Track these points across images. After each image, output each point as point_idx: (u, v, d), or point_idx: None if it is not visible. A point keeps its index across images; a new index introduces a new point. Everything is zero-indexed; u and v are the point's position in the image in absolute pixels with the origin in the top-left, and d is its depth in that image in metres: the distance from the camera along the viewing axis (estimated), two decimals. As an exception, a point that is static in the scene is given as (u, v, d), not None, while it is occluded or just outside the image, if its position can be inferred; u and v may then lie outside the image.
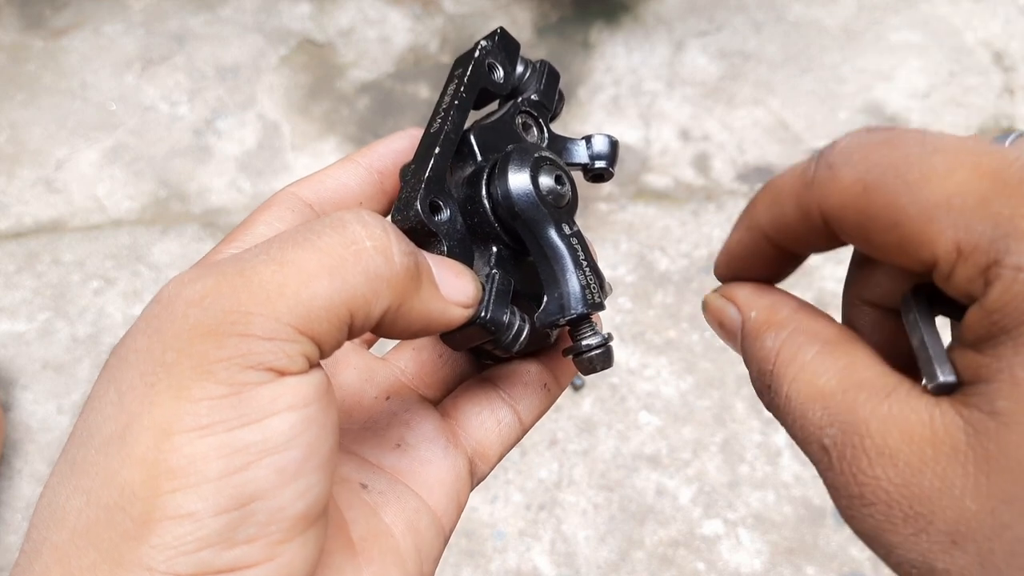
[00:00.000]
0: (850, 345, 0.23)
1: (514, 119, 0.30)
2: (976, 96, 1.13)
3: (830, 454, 0.21)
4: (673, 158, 1.10)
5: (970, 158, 0.20)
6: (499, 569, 0.86)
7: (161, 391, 0.20)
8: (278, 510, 0.20)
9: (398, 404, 0.29)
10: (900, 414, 0.20)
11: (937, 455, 0.19)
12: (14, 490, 0.91)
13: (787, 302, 0.25)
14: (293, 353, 0.20)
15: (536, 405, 0.30)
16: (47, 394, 0.96)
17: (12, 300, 1.03)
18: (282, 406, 0.20)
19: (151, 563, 0.19)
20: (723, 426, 0.91)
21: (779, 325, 0.24)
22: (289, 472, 0.20)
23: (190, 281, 0.21)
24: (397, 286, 0.22)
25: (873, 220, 0.21)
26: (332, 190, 0.28)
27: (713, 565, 0.85)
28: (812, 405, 0.21)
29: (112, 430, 0.20)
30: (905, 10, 1.20)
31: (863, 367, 0.22)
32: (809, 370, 0.22)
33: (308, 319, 0.20)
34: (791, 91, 1.14)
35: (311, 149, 1.13)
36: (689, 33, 1.20)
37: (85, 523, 0.20)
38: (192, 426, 0.19)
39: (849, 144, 0.22)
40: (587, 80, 1.17)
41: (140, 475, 0.19)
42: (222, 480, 0.19)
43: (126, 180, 1.13)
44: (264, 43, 1.23)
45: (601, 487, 0.89)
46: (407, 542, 0.26)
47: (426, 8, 1.25)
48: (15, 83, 1.21)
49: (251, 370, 0.20)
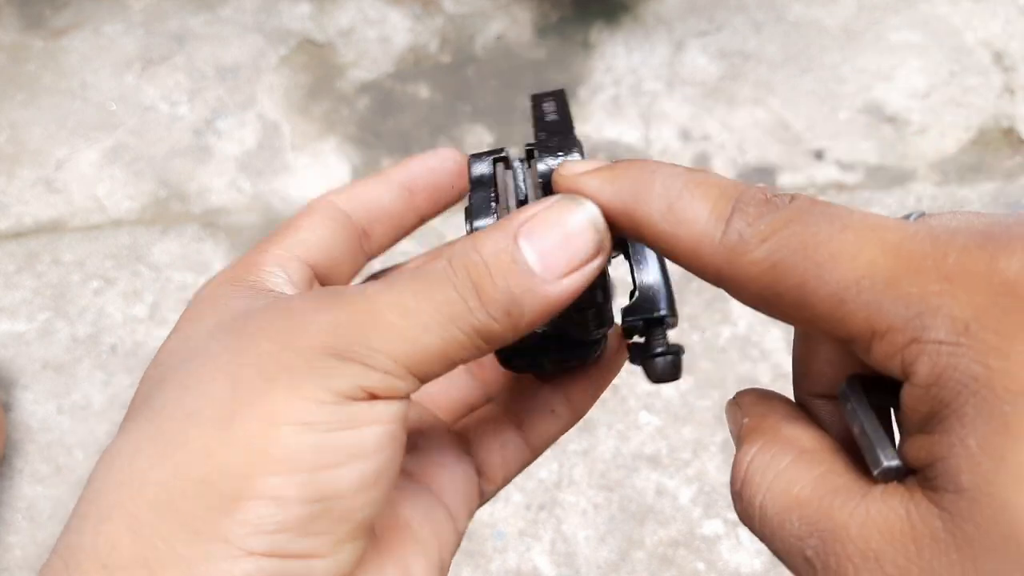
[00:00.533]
0: (827, 454, 0.22)
1: None
2: (976, 96, 1.13)
3: (814, 566, 0.20)
4: (673, 158, 1.10)
5: (875, 234, 0.20)
6: (499, 569, 0.86)
7: (278, 388, 0.21)
8: (350, 511, 0.22)
9: (412, 411, 0.30)
10: (878, 514, 0.19)
11: (920, 549, 0.18)
12: (14, 490, 0.91)
13: (779, 409, 0.25)
14: (400, 386, 0.22)
15: (545, 429, 0.31)
16: (47, 394, 0.96)
17: (12, 300, 1.03)
18: (374, 419, 0.22)
19: (229, 536, 0.20)
20: (723, 426, 0.91)
21: (761, 431, 0.24)
22: (368, 480, 0.22)
23: (322, 307, 0.23)
24: (494, 334, 0.23)
25: (781, 298, 0.21)
26: (366, 202, 0.30)
27: (713, 565, 0.85)
28: (789, 515, 0.21)
29: (219, 413, 0.21)
30: (905, 10, 1.20)
31: (839, 473, 0.21)
32: (784, 479, 0.22)
33: (421, 363, 0.22)
34: (791, 91, 1.14)
35: (311, 149, 1.13)
36: (689, 33, 1.20)
37: (169, 494, 0.21)
38: (297, 421, 0.21)
39: (759, 216, 0.21)
40: (587, 80, 1.17)
41: (241, 457, 0.21)
42: (313, 473, 0.21)
43: (126, 180, 1.13)
44: (264, 43, 1.23)
45: (601, 487, 0.89)
46: (425, 532, 0.27)
47: (426, 8, 1.25)
48: (15, 83, 1.21)
49: (360, 389, 0.22)
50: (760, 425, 0.24)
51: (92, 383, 0.98)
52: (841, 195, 1.05)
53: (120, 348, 1.00)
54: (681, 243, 0.22)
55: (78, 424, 0.95)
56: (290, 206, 1.09)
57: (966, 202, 1.04)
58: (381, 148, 1.13)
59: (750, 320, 0.97)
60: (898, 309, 0.19)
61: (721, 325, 0.97)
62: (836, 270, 0.20)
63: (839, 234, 0.20)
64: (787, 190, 0.26)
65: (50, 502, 0.91)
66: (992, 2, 1.20)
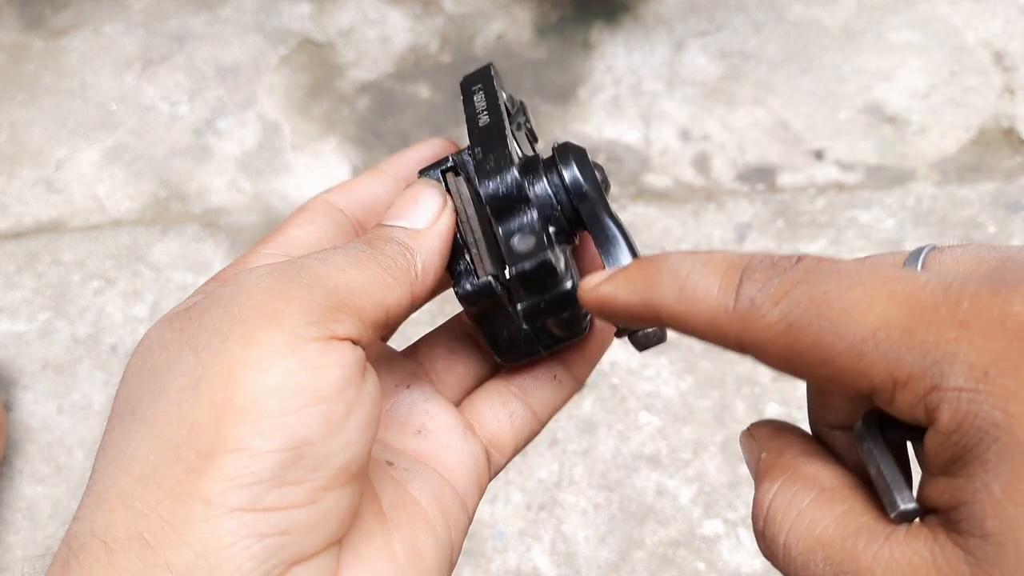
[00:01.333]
0: (848, 491, 0.23)
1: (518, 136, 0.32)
2: (976, 96, 1.13)
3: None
4: (673, 158, 1.10)
5: (885, 288, 0.20)
6: (499, 569, 0.86)
7: (233, 342, 0.22)
8: (323, 458, 0.22)
9: (417, 393, 0.31)
10: (902, 556, 0.20)
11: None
12: (15, 490, 0.91)
13: (796, 444, 0.25)
14: (343, 321, 0.24)
15: (549, 397, 0.32)
16: (47, 394, 0.96)
17: (12, 300, 1.03)
18: (332, 362, 0.23)
19: (208, 494, 0.21)
20: (723, 426, 0.91)
21: (781, 468, 0.24)
22: (334, 423, 0.22)
23: (255, 268, 0.25)
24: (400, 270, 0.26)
25: (802, 357, 0.21)
26: (362, 197, 0.31)
27: (713, 565, 0.85)
28: (813, 555, 0.22)
29: (186, 382, 0.22)
30: (905, 10, 1.20)
31: (860, 512, 0.22)
32: (806, 518, 0.22)
33: (351, 296, 0.24)
34: (791, 91, 1.14)
35: (311, 149, 1.13)
36: (689, 33, 1.20)
37: (152, 465, 0.22)
38: (256, 367, 0.22)
39: (767, 280, 0.22)
40: (587, 80, 1.17)
41: (209, 413, 0.22)
42: (279, 419, 0.22)
43: (126, 180, 1.13)
44: (264, 43, 1.23)
45: (601, 487, 0.89)
46: (434, 510, 0.27)
47: (426, 8, 1.25)
48: (15, 83, 1.21)
49: (311, 326, 0.23)
50: (778, 462, 0.25)
51: (92, 383, 0.98)
52: (841, 195, 1.05)
53: (120, 348, 1.00)
54: (699, 319, 0.23)
55: (78, 424, 0.95)
56: (290, 206, 1.09)
57: (966, 202, 1.04)
58: (381, 148, 1.13)
59: (750, 320, 0.97)
60: (916, 358, 0.19)
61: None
62: (851, 324, 0.20)
63: (848, 290, 0.21)
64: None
65: (50, 502, 0.91)
66: (992, 2, 1.20)
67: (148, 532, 0.21)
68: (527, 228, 0.27)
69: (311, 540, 0.22)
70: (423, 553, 0.26)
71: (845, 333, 0.20)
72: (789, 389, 0.93)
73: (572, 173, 0.29)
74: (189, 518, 0.21)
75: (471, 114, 0.30)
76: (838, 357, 0.20)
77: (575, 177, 0.29)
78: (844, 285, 0.21)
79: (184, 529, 0.21)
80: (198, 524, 0.21)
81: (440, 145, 0.32)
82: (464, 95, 0.31)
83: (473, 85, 0.31)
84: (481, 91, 0.31)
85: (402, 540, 0.26)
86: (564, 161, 0.29)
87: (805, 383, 0.26)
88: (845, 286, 0.21)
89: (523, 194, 0.27)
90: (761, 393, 0.93)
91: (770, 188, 1.06)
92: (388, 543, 0.25)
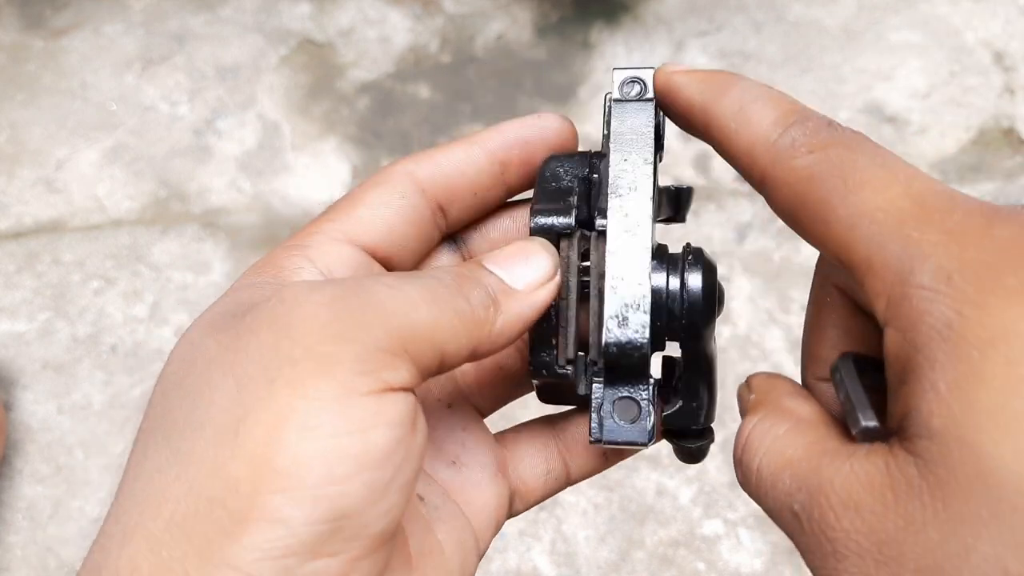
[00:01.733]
0: (822, 424, 0.24)
1: None
2: (976, 96, 1.13)
3: (800, 518, 0.21)
4: (673, 158, 1.10)
5: (906, 179, 0.21)
6: (499, 569, 0.86)
7: (280, 387, 0.20)
8: (363, 527, 0.20)
9: (458, 418, 0.29)
10: (861, 468, 0.20)
11: (897, 496, 0.19)
12: (15, 490, 0.91)
13: (781, 387, 0.26)
14: (400, 368, 0.21)
15: (589, 467, 0.30)
16: (47, 394, 0.96)
17: (12, 300, 1.03)
18: (384, 420, 0.21)
19: (238, 563, 0.20)
20: (723, 426, 0.91)
21: (763, 405, 0.25)
22: (378, 490, 0.21)
23: (316, 288, 0.22)
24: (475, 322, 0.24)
25: (805, 208, 0.22)
26: (447, 175, 0.27)
27: (713, 565, 0.85)
28: (781, 475, 0.23)
29: (226, 421, 0.21)
30: (905, 10, 1.20)
31: (830, 439, 0.23)
32: (779, 444, 0.23)
33: (414, 340, 0.22)
34: (791, 91, 1.14)
35: (311, 149, 1.13)
36: (689, 33, 1.20)
37: (183, 514, 0.20)
38: (302, 426, 0.20)
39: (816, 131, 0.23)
40: (587, 80, 1.17)
41: (247, 471, 0.20)
42: (320, 489, 0.20)
43: (126, 180, 1.13)
44: (264, 43, 1.23)
45: (601, 487, 0.89)
46: (455, 561, 0.26)
47: (426, 8, 1.25)
48: (15, 83, 1.21)
49: (366, 376, 0.21)
50: (764, 399, 0.26)
51: (92, 383, 0.98)
52: (841, 195, 1.05)
53: (120, 348, 1.00)
54: (741, 141, 0.24)
55: (78, 424, 0.95)
56: (290, 206, 1.09)
57: (966, 202, 1.04)
58: (381, 148, 1.13)
59: (750, 320, 0.97)
60: (896, 249, 0.20)
61: (721, 325, 0.97)
62: (859, 197, 0.21)
63: (875, 167, 0.22)
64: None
65: (50, 502, 0.91)
66: (992, 2, 1.20)
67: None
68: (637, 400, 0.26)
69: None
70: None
71: (850, 202, 0.21)
72: (789, 389, 0.93)
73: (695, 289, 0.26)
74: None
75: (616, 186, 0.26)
76: (834, 222, 0.21)
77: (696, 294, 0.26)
78: (875, 163, 0.22)
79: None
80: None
81: (552, 128, 0.28)
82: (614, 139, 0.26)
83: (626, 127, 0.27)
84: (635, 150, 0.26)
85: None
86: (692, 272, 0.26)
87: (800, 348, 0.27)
88: (876, 164, 0.22)
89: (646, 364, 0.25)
90: (761, 393, 0.93)
91: (770, 188, 1.06)
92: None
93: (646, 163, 0.26)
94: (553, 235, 0.26)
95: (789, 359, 0.94)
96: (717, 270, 0.27)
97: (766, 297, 0.98)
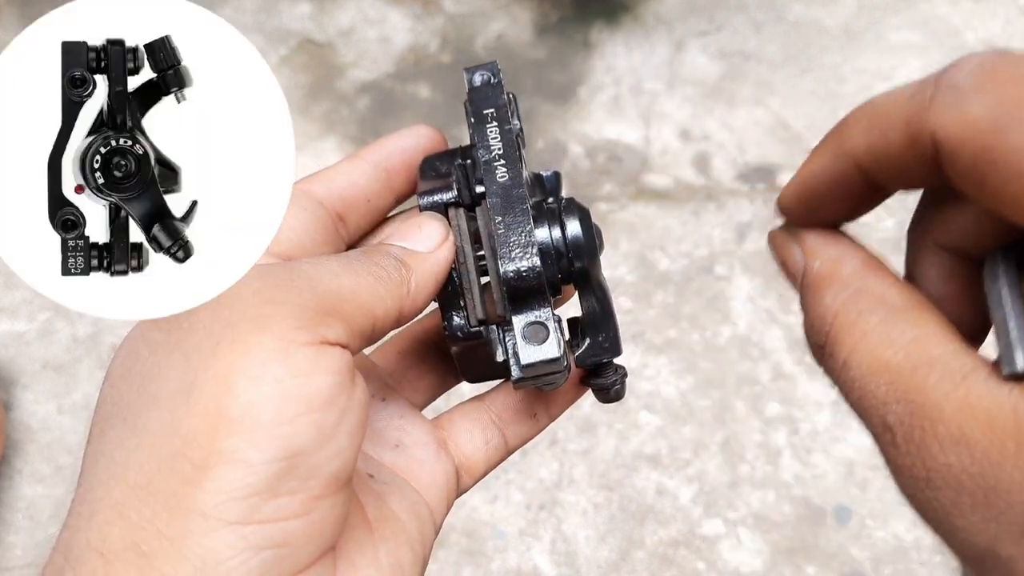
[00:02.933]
0: (919, 313, 0.21)
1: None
2: (976, 96, 1.13)
3: (894, 432, 0.19)
4: (673, 158, 1.10)
5: None
6: (499, 569, 0.86)
7: (224, 347, 0.22)
8: (315, 467, 0.22)
9: (394, 408, 0.31)
10: (978, 402, 0.18)
11: (1020, 449, 0.17)
12: (15, 490, 0.91)
13: (855, 255, 0.23)
14: (333, 326, 0.23)
15: (524, 432, 0.32)
16: (47, 394, 0.97)
17: (12, 300, 1.03)
18: (324, 368, 0.22)
19: (204, 508, 0.21)
20: (723, 426, 0.91)
21: (842, 282, 0.22)
22: (327, 431, 0.22)
23: (252, 276, 0.24)
24: (393, 283, 0.26)
25: (996, 164, 0.18)
26: (342, 187, 0.30)
27: (713, 565, 0.85)
28: (875, 379, 0.20)
29: (178, 388, 0.22)
30: (905, 10, 1.20)
31: (935, 343, 0.20)
32: (873, 339, 0.20)
33: (341, 302, 0.24)
34: (791, 91, 1.14)
35: (311, 149, 1.13)
36: (689, 33, 1.20)
37: (147, 475, 0.21)
38: (248, 375, 0.21)
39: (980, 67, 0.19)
40: (587, 80, 1.17)
41: (203, 423, 0.21)
42: (273, 429, 0.21)
43: (126, 180, 1.13)
44: (264, 43, 1.23)
45: (601, 487, 0.89)
46: (412, 526, 0.27)
47: (426, 8, 1.26)
48: (15, 83, 1.21)
49: (301, 330, 0.22)
50: (838, 272, 0.22)
51: (92, 383, 0.98)
52: (841, 195, 1.05)
53: (120, 348, 1.00)
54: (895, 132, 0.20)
55: (78, 424, 0.95)
56: (290, 206, 1.09)
57: (966, 202, 1.04)
58: (381, 148, 1.13)
59: (750, 320, 0.97)
60: None
61: (721, 325, 0.97)
62: None
63: None
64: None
65: (50, 502, 0.91)
66: (992, 2, 1.20)
67: (145, 544, 0.21)
68: (543, 321, 0.27)
69: (307, 551, 0.22)
70: (404, 567, 0.26)
71: None
72: (788, 389, 0.93)
73: (575, 231, 0.29)
74: (187, 532, 0.21)
75: (488, 157, 0.29)
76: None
77: (577, 235, 0.29)
78: None
79: (182, 543, 0.21)
80: (195, 538, 0.21)
81: (424, 135, 0.31)
82: (475, 117, 0.30)
83: (485, 106, 0.30)
84: (495, 122, 0.29)
85: (387, 553, 0.26)
86: (569, 217, 0.29)
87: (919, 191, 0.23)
88: None
89: (542, 287, 0.27)
90: (761, 393, 0.93)
91: (770, 188, 1.06)
92: (376, 556, 0.25)
93: (508, 132, 0.29)
94: (441, 208, 0.29)
95: (789, 359, 0.94)
96: (590, 213, 0.29)
97: (766, 297, 0.98)
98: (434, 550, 0.29)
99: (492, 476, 0.30)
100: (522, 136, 0.31)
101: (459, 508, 0.91)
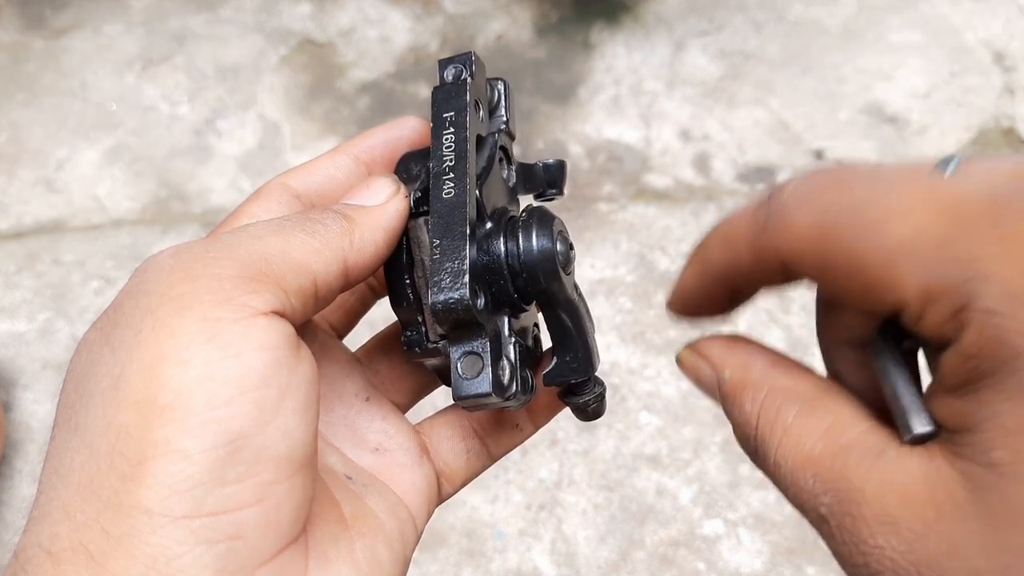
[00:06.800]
0: (830, 400, 0.22)
1: (497, 162, 0.29)
2: (976, 96, 1.13)
3: (829, 523, 0.20)
4: (673, 158, 1.10)
5: (925, 194, 0.19)
6: (499, 569, 0.86)
7: (147, 336, 0.21)
8: (262, 449, 0.21)
9: (376, 409, 0.30)
10: (895, 477, 0.19)
11: (940, 516, 0.18)
12: (14, 490, 0.91)
13: (759, 357, 0.24)
14: (260, 292, 0.22)
15: (506, 442, 0.31)
16: (47, 394, 0.96)
17: (12, 300, 1.03)
18: (256, 344, 0.21)
19: (148, 504, 0.20)
20: (723, 426, 0.91)
21: (755, 385, 0.23)
22: (268, 410, 0.21)
23: (162, 251, 0.23)
24: (332, 236, 0.25)
25: (833, 264, 0.20)
26: (320, 181, 0.29)
27: (713, 565, 0.85)
28: (803, 473, 0.21)
29: (108, 382, 0.21)
30: (905, 10, 1.20)
31: (848, 426, 0.21)
32: (793, 434, 0.22)
33: (267, 263, 0.22)
34: (791, 91, 1.14)
35: (311, 149, 1.13)
36: (689, 33, 1.20)
37: (88, 475, 0.20)
38: (175, 360, 0.20)
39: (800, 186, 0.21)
40: (587, 80, 1.17)
41: (134, 416, 0.20)
42: (207, 414, 0.20)
43: (126, 180, 1.13)
44: (264, 43, 1.23)
45: (601, 487, 0.89)
46: (391, 525, 0.26)
47: (426, 8, 1.26)
48: (15, 83, 1.21)
49: (224, 305, 0.21)
50: (748, 377, 0.24)
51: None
52: (841, 195, 1.05)
53: (120, 348, 1.00)
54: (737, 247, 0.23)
55: (78, 424, 0.95)
56: (290, 206, 1.09)
57: (966, 202, 1.04)
58: (381, 148, 1.13)
59: (750, 320, 0.97)
60: (950, 272, 0.18)
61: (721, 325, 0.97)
62: (886, 230, 0.19)
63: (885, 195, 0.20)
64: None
65: (50, 502, 0.91)
66: (992, 2, 1.20)
67: (91, 544, 0.20)
68: (478, 352, 0.25)
69: (267, 541, 0.21)
70: (383, 565, 0.25)
71: (879, 239, 0.19)
72: (789, 389, 0.93)
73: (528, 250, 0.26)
74: (133, 530, 0.20)
75: (437, 167, 0.27)
76: (871, 265, 0.19)
77: (530, 255, 0.26)
78: (882, 190, 0.20)
79: (129, 542, 0.20)
80: (143, 536, 0.20)
81: (411, 127, 0.30)
82: (434, 120, 0.28)
83: (446, 109, 0.28)
84: (452, 128, 0.27)
85: (364, 548, 0.25)
86: (526, 235, 0.26)
87: (815, 300, 0.25)
88: (883, 190, 0.20)
89: (472, 319, 0.25)
90: (761, 393, 0.93)
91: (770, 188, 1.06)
92: (352, 550, 0.24)
93: (463, 141, 0.27)
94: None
95: (789, 359, 0.94)
96: (554, 224, 0.27)
97: (766, 297, 0.98)
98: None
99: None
100: (510, 127, 0.30)
101: (459, 508, 0.91)
